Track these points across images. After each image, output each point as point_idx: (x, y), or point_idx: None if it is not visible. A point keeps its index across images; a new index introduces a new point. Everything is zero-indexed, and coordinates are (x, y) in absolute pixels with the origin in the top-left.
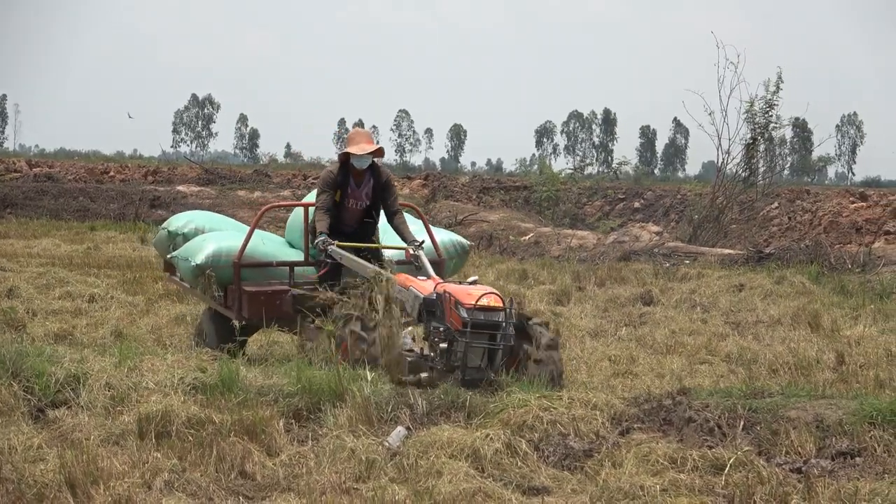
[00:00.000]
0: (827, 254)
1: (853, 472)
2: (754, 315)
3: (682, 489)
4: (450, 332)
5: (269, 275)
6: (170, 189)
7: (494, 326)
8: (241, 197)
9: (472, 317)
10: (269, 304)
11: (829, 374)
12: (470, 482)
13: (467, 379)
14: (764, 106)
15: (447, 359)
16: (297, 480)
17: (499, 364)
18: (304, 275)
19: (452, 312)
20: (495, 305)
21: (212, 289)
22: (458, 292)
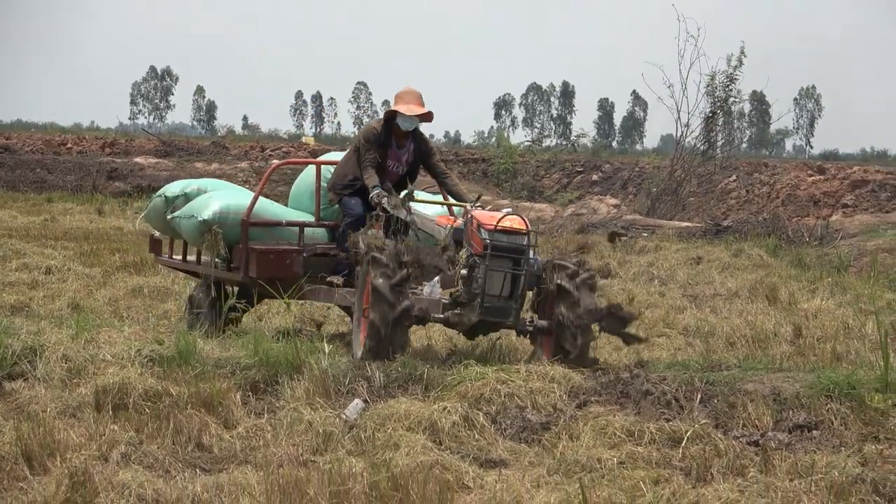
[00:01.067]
0: (785, 227)
1: (810, 445)
2: (712, 288)
3: (639, 462)
4: (472, 258)
5: (277, 236)
6: (127, 161)
7: (517, 251)
8: (198, 169)
9: (493, 239)
10: (279, 263)
11: (786, 347)
12: (427, 455)
13: (487, 306)
14: (725, 80)
15: (469, 285)
16: (254, 453)
17: (521, 293)
18: (313, 237)
19: (474, 235)
20: (518, 228)
21: (219, 246)
22: (481, 215)
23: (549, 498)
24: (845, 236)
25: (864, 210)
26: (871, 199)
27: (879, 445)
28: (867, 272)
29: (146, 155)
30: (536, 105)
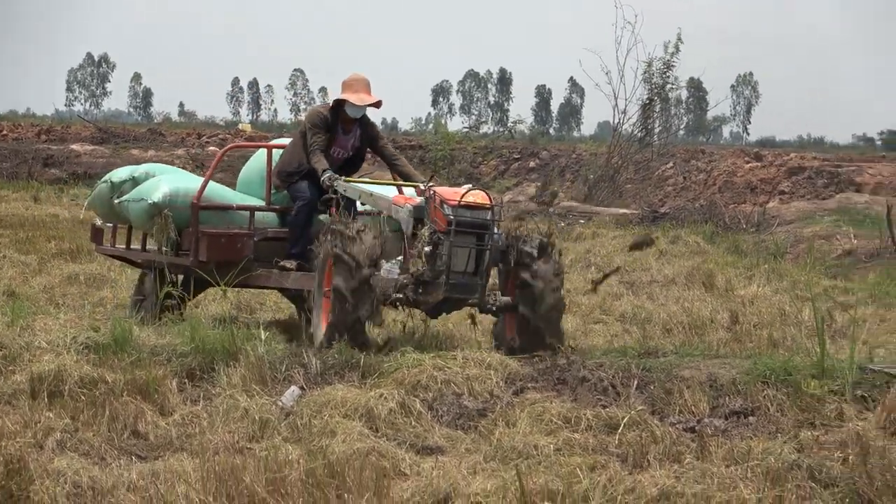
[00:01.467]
0: (721, 213)
1: (746, 432)
2: (649, 275)
3: (575, 448)
4: (435, 234)
5: (227, 220)
6: (63, 148)
7: (482, 226)
8: (134, 156)
9: (457, 215)
10: (230, 247)
11: (722, 333)
12: (364, 441)
13: (452, 283)
14: (662, 67)
15: (432, 263)
16: (190, 440)
17: (485, 269)
18: (263, 221)
19: (437, 212)
20: (482, 203)
21: (168, 230)
22: (444, 191)
23: (485, 485)
24: (782, 223)
25: (801, 197)
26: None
27: (815, 432)
28: (804, 259)
29: (82, 142)
30: (474, 92)
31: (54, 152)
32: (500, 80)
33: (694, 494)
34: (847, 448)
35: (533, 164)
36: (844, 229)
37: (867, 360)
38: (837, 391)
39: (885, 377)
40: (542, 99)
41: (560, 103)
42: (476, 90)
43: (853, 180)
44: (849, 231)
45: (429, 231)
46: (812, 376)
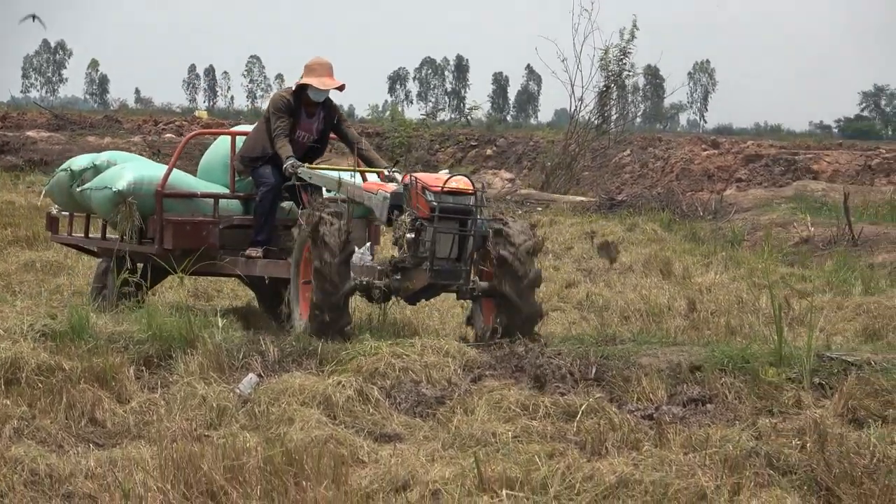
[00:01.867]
0: (679, 201)
1: (704, 419)
2: (606, 262)
3: (534, 435)
4: (417, 221)
5: (192, 207)
6: (19, 134)
7: (464, 212)
8: (91, 143)
9: (440, 201)
10: (196, 235)
11: (680, 320)
12: (322, 429)
13: (437, 269)
14: (618, 54)
15: (415, 249)
16: (147, 427)
17: (469, 256)
18: (227, 209)
19: (420, 198)
20: (465, 189)
21: (133, 218)
22: (425, 177)
23: (443, 472)
24: (739, 210)
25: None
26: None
27: (773, 419)
28: (761, 246)
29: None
30: (430, 79)
31: (10, 139)
32: (456, 68)
33: (652, 482)
34: (805, 435)
35: (490, 152)
36: (801, 217)
37: (825, 348)
38: (795, 379)
39: (842, 364)
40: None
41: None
42: (433, 77)
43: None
44: (806, 219)
45: (410, 217)
46: (770, 364)
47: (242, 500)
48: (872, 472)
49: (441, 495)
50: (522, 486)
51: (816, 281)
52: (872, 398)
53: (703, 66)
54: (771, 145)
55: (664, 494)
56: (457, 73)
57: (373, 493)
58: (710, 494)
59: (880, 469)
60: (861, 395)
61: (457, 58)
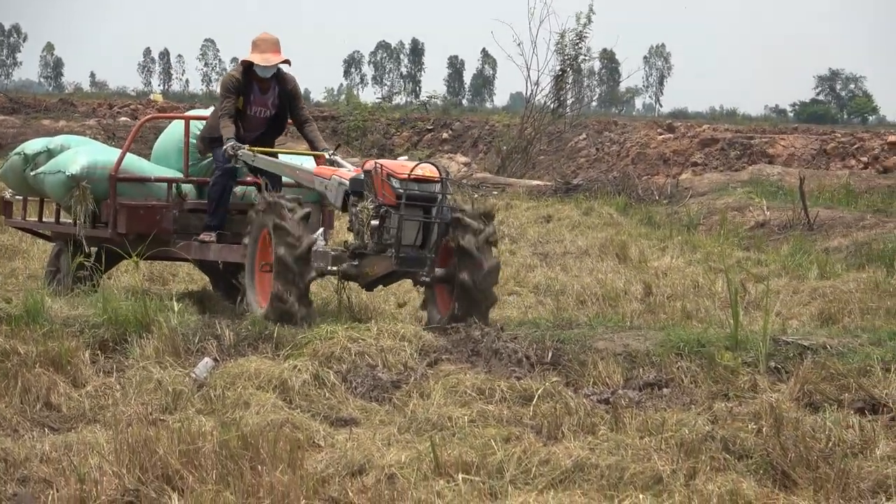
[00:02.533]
0: (634, 185)
1: (660, 403)
2: (562, 246)
3: (490, 420)
4: (381, 208)
5: (146, 192)
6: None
7: (430, 199)
8: (45, 126)
9: (406, 188)
10: (150, 219)
11: (636, 305)
12: (278, 413)
13: (402, 256)
14: (574, 38)
15: (379, 237)
16: (103, 412)
17: (434, 244)
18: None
19: (385, 186)
20: (431, 176)
21: (87, 202)
22: (390, 164)
23: (399, 456)
24: (695, 195)
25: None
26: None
27: (729, 403)
28: (717, 230)
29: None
30: (386, 63)
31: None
32: (412, 51)
33: (608, 466)
34: (761, 419)
35: (446, 136)
36: (757, 201)
37: (780, 332)
38: (751, 363)
39: (798, 349)
40: (454, 70)
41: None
42: (388, 61)
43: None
44: (761, 203)
45: (373, 204)
46: (726, 348)
47: (198, 485)
48: (828, 456)
49: (397, 479)
50: (478, 471)
51: (772, 265)
52: (828, 382)
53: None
54: (726, 129)
55: (620, 478)
56: (412, 56)
57: (328, 478)
58: (665, 478)
59: (836, 453)
60: (817, 379)
61: (412, 41)
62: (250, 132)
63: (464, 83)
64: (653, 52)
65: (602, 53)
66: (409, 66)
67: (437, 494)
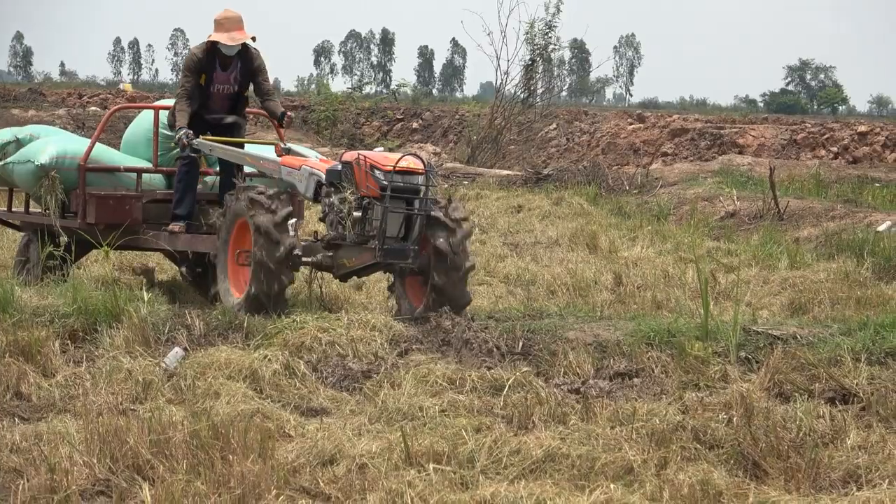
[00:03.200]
0: (605, 175)
1: (631, 393)
2: (532, 236)
3: (461, 409)
4: (363, 200)
5: (115, 182)
6: None
7: (414, 191)
8: (15, 116)
9: (391, 180)
10: (119, 209)
11: (607, 295)
12: (248, 403)
13: (386, 248)
14: (544, 27)
15: (361, 228)
16: (73, 401)
17: (416, 235)
18: (150, 183)
19: (368, 178)
20: (415, 168)
21: (56, 192)
22: (374, 156)
23: (370, 446)
24: (665, 185)
25: (684, 158)
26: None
27: (700, 393)
28: (687, 220)
29: None
30: (356, 52)
31: None
32: (382, 41)
33: (579, 455)
34: (731, 409)
35: (416, 125)
36: (727, 191)
37: (751, 322)
38: (721, 353)
39: (768, 339)
40: (424, 59)
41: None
42: (358, 50)
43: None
44: (732, 193)
45: (354, 196)
46: (696, 338)
47: (168, 475)
48: (799, 446)
49: (368, 469)
50: (449, 460)
51: (742, 255)
52: (798, 372)
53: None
54: (696, 119)
55: (591, 468)
56: (382, 46)
57: (299, 467)
58: (636, 468)
59: (806, 443)
60: (787, 369)
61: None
62: (215, 111)
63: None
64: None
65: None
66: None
67: (409, 484)
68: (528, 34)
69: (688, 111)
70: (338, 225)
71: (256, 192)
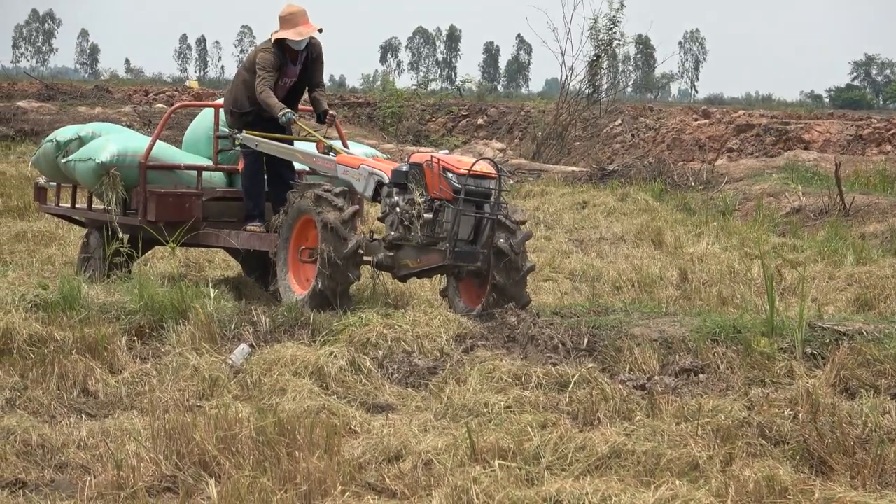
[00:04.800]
0: (670, 171)
1: (696, 389)
2: (598, 232)
3: (526, 406)
4: (433, 202)
5: (175, 179)
6: (10, 105)
7: (485, 195)
8: (81, 113)
9: (465, 184)
10: (179, 207)
11: (672, 291)
12: (314, 399)
13: (457, 251)
14: (608, 23)
15: (431, 230)
16: (139, 398)
17: (486, 238)
18: (210, 181)
19: (441, 180)
20: (488, 172)
21: (118, 189)
22: (447, 159)
23: (436, 442)
24: (730, 180)
25: (750, 154)
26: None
27: (765, 389)
28: (752, 216)
29: (29, 99)
30: (422, 49)
31: (1, 109)
32: (448, 38)
33: (644, 452)
34: (797, 405)
35: (481, 122)
36: (793, 187)
37: (816, 318)
38: (787, 349)
39: (834, 334)
40: (489, 56)
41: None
42: (424, 47)
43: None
44: (797, 188)
45: (423, 198)
46: (762, 334)
47: (235, 471)
48: (864, 442)
49: (433, 465)
50: (515, 457)
51: (808, 251)
52: (864, 368)
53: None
54: (762, 115)
55: (656, 464)
56: (449, 42)
57: (365, 464)
58: (702, 465)
59: (872, 439)
60: (853, 365)
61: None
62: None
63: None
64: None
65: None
66: (445, 52)
67: (474, 480)
68: (593, 30)
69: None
70: (400, 225)
71: (323, 189)
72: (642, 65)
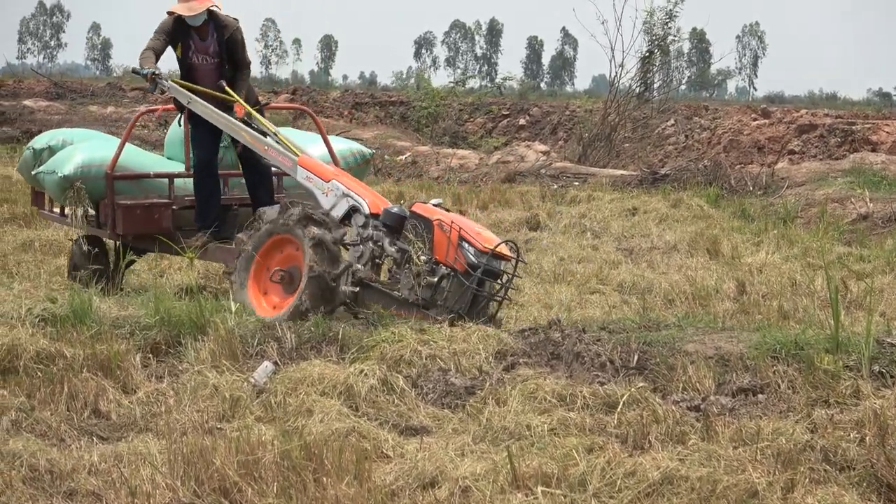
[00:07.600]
0: (727, 175)
1: (755, 410)
2: (649, 241)
3: (571, 428)
4: (438, 268)
5: (147, 188)
6: (15, 104)
7: (495, 276)
8: (92, 112)
9: (486, 264)
10: (147, 219)
11: (729, 304)
12: (343, 421)
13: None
14: (664, 17)
15: (432, 294)
16: (155, 420)
17: (477, 311)
18: (184, 188)
19: (455, 250)
20: (507, 255)
21: (83, 203)
22: (467, 229)
23: (474, 467)
24: (792, 185)
25: (812, 157)
26: (819, 146)
27: (830, 410)
28: (815, 224)
29: (36, 97)
30: (460, 44)
31: (6, 108)
32: (489, 31)
33: (699, 478)
34: (864, 428)
35: (523, 122)
36: (859, 192)
37: (885, 333)
38: (853, 367)
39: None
40: (532, 51)
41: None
42: (462, 42)
43: (868, 139)
44: (864, 194)
45: (426, 257)
46: (826, 350)
47: (258, 498)
48: None
49: (471, 492)
50: (559, 483)
51: (876, 261)
52: None
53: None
54: (826, 115)
55: (712, 491)
56: (489, 36)
57: (398, 490)
58: (761, 491)
59: None
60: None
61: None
62: (203, 85)
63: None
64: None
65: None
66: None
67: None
68: (647, 23)
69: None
70: (370, 262)
71: (309, 207)
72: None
